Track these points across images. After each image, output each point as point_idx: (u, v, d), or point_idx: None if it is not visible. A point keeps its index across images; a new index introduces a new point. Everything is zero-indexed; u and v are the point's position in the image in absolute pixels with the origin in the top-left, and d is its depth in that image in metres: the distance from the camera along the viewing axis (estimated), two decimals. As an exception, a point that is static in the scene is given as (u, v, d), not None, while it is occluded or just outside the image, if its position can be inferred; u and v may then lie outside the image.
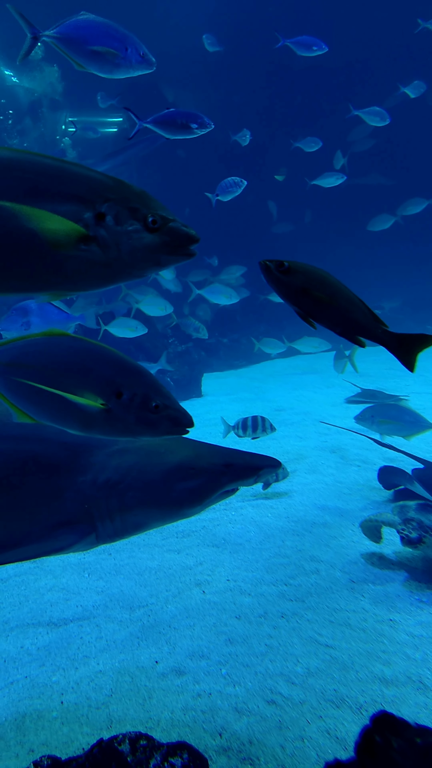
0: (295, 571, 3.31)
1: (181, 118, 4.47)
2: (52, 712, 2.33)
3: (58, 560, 3.67)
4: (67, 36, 3.41)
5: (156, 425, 1.44)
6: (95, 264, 1.21)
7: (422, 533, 3.02)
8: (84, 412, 1.41)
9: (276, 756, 2.00)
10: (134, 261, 1.22)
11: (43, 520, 1.79)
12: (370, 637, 2.65)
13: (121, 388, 1.41)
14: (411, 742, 1.08)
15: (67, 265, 1.21)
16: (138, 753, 1.79)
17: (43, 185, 1.19)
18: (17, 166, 1.19)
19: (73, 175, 1.21)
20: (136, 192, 1.24)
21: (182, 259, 1.25)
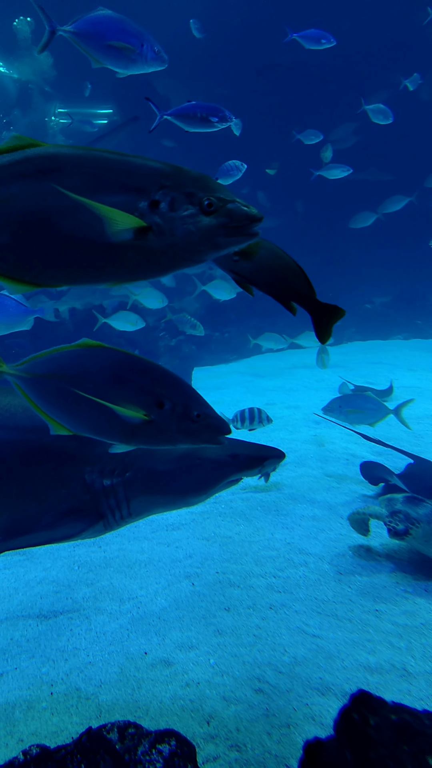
0: (284, 564, 3.35)
1: (202, 111, 4.49)
2: (42, 702, 2.35)
3: (48, 553, 3.68)
4: (84, 31, 3.43)
5: (196, 434, 1.46)
6: (152, 252, 1.21)
7: (409, 525, 3.06)
8: (127, 424, 1.43)
9: (263, 743, 2.04)
10: (191, 246, 1.21)
11: (52, 508, 1.83)
12: (356, 627, 2.69)
13: (162, 398, 1.43)
14: (386, 719, 1.12)
15: (125, 255, 1.21)
16: (126, 741, 1.81)
17: (99, 179, 1.20)
18: (75, 163, 1.20)
19: (128, 166, 1.22)
20: (194, 176, 1.23)
21: (243, 240, 1.23)
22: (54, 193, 1.19)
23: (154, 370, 1.46)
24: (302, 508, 4.15)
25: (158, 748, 1.79)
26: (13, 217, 1.21)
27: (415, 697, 2.22)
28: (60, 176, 1.20)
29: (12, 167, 1.21)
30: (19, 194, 1.20)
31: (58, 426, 1.49)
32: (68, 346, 1.47)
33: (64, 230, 1.20)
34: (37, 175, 1.20)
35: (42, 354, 1.49)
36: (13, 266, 1.24)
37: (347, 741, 1.13)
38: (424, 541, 3.06)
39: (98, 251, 1.21)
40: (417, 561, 3.28)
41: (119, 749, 1.80)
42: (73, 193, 1.18)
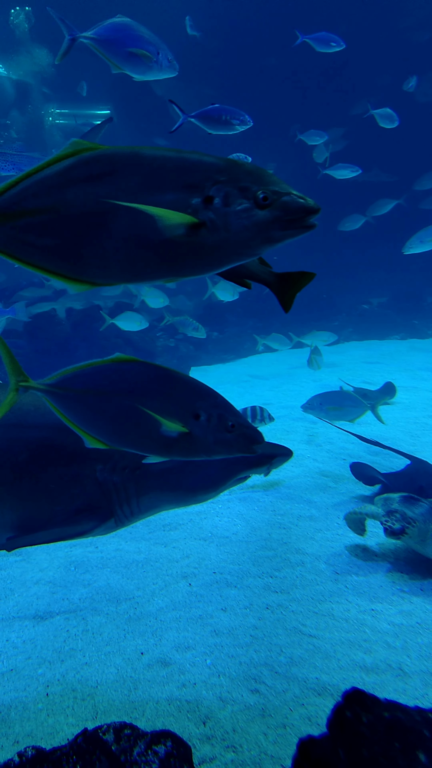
0: (280, 564, 3.35)
1: (225, 114, 4.62)
2: (38, 703, 2.34)
3: (44, 553, 3.67)
4: (105, 38, 3.56)
5: (232, 444, 1.48)
6: (206, 247, 1.22)
7: (405, 524, 3.07)
8: (164, 436, 1.44)
9: (259, 743, 2.04)
10: (245, 240, 1.21)
11: (64, 506, 1.87)
12: (352, 626, 2.69)
13: (198, 410, 1.45)
14: (379, 716, 1.12)
15: (179, 252, 1.22)
16: (122, 742, 1.81)
17: (155, 178, 1.21)
18: (130, 163, 1.22)
19: (183, 163, 1.23)
20: (248, 170, 1.23)
21: (299, 233, 1.22)
22: (111, 195, 1.21)
23: (188, 383, 1.48)
24: (299, 508, 4.15)
25: (154, 749, 1.78)
26: (71, 219, 1.23)
27: (410, 697, 2.22)
28: (116, 178, 1.21)
29: (69, 172, 1.23)
30: (76, 198, 1.22)
31: (93, 440, 1.51)
32: (101, 361, 1.49)
33: (120, 230, 1.22)
34: (93, 179, 1.22)
35: (73, 369, 1.50)
36: (71, 266, 1.26)
37: (340, 738, 1.14)
38: (420, 540, 3.06)
39: (153, 249, 1.22)
40: (413, 560, 3.29)
41: (115, 750, 1.80)
42: (129, 193, 1.19)
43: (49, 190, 1.23)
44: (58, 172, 1.23)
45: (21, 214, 1.23)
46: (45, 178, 1.23)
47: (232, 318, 12.10)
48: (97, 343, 8.78)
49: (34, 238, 1.25)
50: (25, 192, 1.24)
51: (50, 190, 1.23)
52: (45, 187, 1.23)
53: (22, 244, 1.26)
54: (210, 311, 12.26)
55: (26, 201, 1.23)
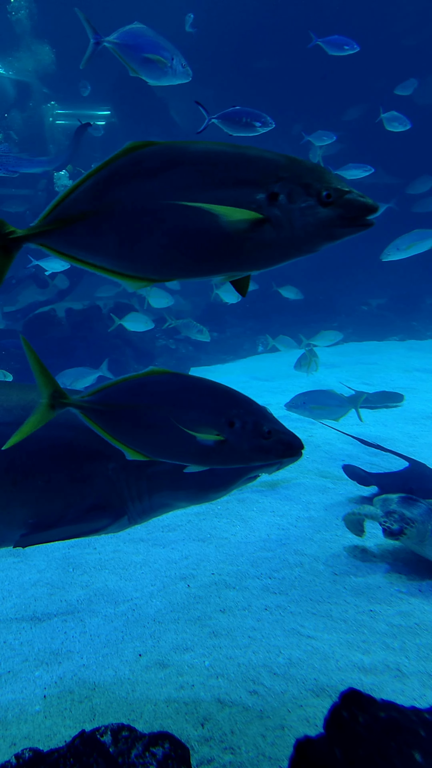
0: (279, 565, 3.34)
1: (247, 117, 4.75)
2: (35, 705, 2.34)
3: (42, 555, 3.66)
4: (125, 43, 3.72)
5: (269, 450, 1.48)
6: (269, 243, 1.23)
7: (404, 525, 3.07)
8: (201, 446, 1.46)
9: (257, 745, 2.03)
10: (308, 237, 1.22)
11: (77, 504, 1.88)
12: (350, 627, 2.69)
13: (233, 417, 1.46)
14: (375, 716, 1.12)
15: (243, 248, 1.23)
16: (120, 744, 1.80)
17: (216, 173, 1.21)
18: (189, 159, 1.22)
19: (245, 159, 1.23)
20: (309, 167, 1.24)
21: (358, 230, 1.24)
22: (168, 192, 1.20)
23: (222, 391, 1.50)
24: (298, 509, 4.15)
25: (152, 751, 1.78)
26: (129, 217, 1.23)
27: (408, 697, 2.21)
28: (174, 174, 1.21)
29: (127, 168, 1.23)
30: (133, 195, 1.22)
31: (133, 452, 1.52)
32: (135, 375, 1.51)
33: (180, 227, 1.22)
34: (150, 175, 1.22)
35: (108, 384, 1.52)
36: (129, 264, 1.27)
37: (337, 738, 1.14)
38: (419, 541, 3.06)
39: (214, 246, 1.23)
40: (411, 561, 3.28)
41: (112, 752, 1.79)
42: (189, 188, 1.20)
43: (105, 191, 1.23)
44: (113, 172, 1.23)
45: (79, 216, 1.24)
46: (101, 179, 1.24)
47: (231, 319, 12.10)
48: (96, 343, 8.78)
49: (92, 239, 1.26)
50: (82, 195, 1.25)
51: (105, 191, 1.23)
52: (101, 188, 1.24)
53: (82, 247, 1.27)
54: (209, 312, 12.26)
55: (83, 204, 1.24)
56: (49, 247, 1.28)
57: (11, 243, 1.26)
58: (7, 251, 1.26)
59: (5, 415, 1.88)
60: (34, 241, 1.27)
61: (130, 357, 8.93)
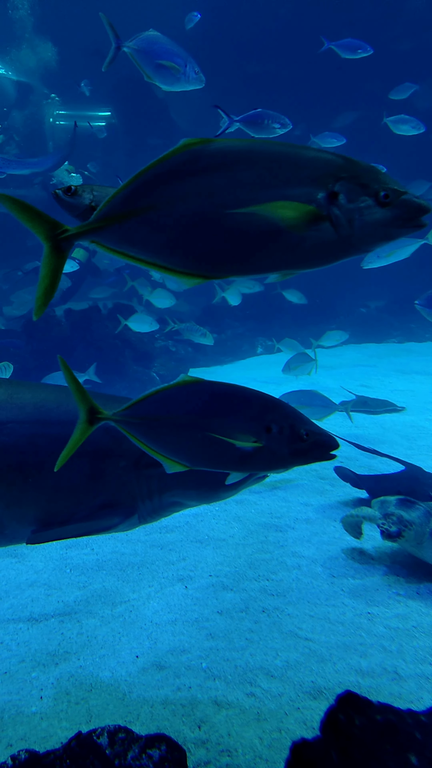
0: (277, 567, 3.34)
1: (267, 119, 4.91)
2: (31, 707, 2.33)
3: (40, 556, 3.66)
4: (142, 49, 3.85)
5: (307, 453, 1.49)
6: (328, 242, 1.24)
7: (402, 527, 3.07)
8: (240, 453, 1.47)
9: (254, 747, 2.03)
10: (365, 236, 1.24)
11: (88, 502, 1.89)
12: (348, 630, 2.69)
13: (269, 422, 1.47)
14: (372, 719, 1.12)
15: (301, 246, 1.24)
16: (116, 745, 1.80)
17: (277, 172, 1.22)
18: (245, 157, 1.22)
19: (304, 158, 1.24)
20: (366, 168, 1.25)
21: (412, 231, 1.26)
22: (227, 190, 1.21)
23: (256, 397, 1.51)
24: (296, 511, 4.14)
25: (148, 753, 1.77)
26: (184, 215, 1.23)
27: (405, 700, 2.21)
28: (233, 172, 1.21)
29: (184, 165, 1.23)
30: (191, 192, 1.22)
31: (172, 464, 1.53)
32: (168, 386, 1.52)
33: (239, 225, 1.22)
34: (206, 173, 1.22)
35: (142, 397, 1.52)
36: (184, 261, 1.27)
37: (333, 741, 1.14)
38: (417, 543, 3.06)
39: (273, 244, 1.23)
40: (409, 564, 3.28)
41: (109, 754, 1.79)
42: (248, 186, 1.20)
43: (160, 187, 1.23)
44: (169, 169, 1.23)
45: (134, 212, 1.24)
46: (156, 175, 1.24)
47: (230, 320, 12.10)
48: (95, 344, 8.77)
49: (147, 235, 1.25)
50: (137, 191, 1.24)
51: (161, 187, 1.23)
52: (156, 184, 1.24)
53: (137, 243, 1.27)
54: (208, 314, 12.26)
55: (138, 200, 1.24)
56: (101, 244, 1.28)
57: (63, 242, 1.25)
58: (59, 250, 1.26)
59: (18, 413, 1.90)
60: (86, 238, 1.26)
61: (129, 358, 8.92)
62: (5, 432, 1.87)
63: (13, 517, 1.88)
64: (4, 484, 1.85)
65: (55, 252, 1.26)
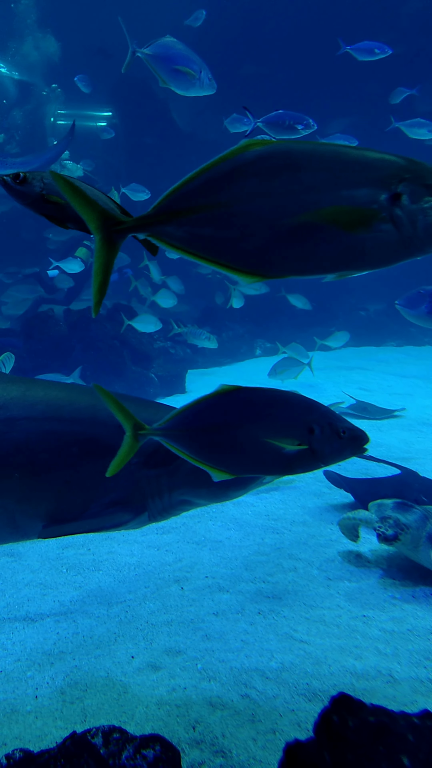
0: (273, 569, 3.35)
1: (290, 119, 4.96)
2: (26, 706, 2.33)
3: (36, 555, 3.66)
4: (158, 54, 3.96)
5: (345, 449, 1.53)
6: (390, 243, 1.24)
7: (398, 531, 3.07)
8: (285, 456, 1.50)
9: (248, 748, 2.03)
10: (428, 237, 1.24)
11: (99, 499, 1.91)
12: (343, 632, 2.69)
13: (311, 424, 1.50)
14: (365, 721, 1.13)
15: (363, 247, 1.24)
16: (111, 745, 1.80)
17: (340, 173, 1.22)
18: (309, 158, 1.22)
19: (367, 159, 1.24)
20: (429, 168, 1.25)
21: None
22: (290, 191, 1.21)
23: (295, 400, 1.54)
24: (293, 513, 4.15)
25: (143, 753, 1.78)
26: (248, 214, 1.24)
27: (399, 703, 2.22)
28: (296, 173, 1.22)
29: (246, 166, 1.23)
30: (252, 192, 1.22)
31: (218, 472, 1.54)
32: (208, 396, 1.53)
33: (301, 225, 1.22)
34: (272, 173, 1.22)
35: (183, 409, 1.55)
36: (245, 260, 1.27)
37: (326, 742, 1.14)
38: (413, 546, 3.07)
39: (335, 245, 1.24)
40: (405, 567, 3.29)
41: (103, 754, 1.79)
42: (311, 187, 1.21)
43: (223, 185, 1.23)
44: (231, 168, 1.23)
45: (196, 209, 1.24)
46: (220, 174, 1.24)
47: (228, 322, 12.11)
48: (94, 344, 8.77)
49: (209, 233, 1.25)
50: (199, 188, 1.24)
51: (224, 185, 1.23)
52: (219, 182, 1.23)
53: (197, 240, 1.26)
54: (207, 315, 12.27)
55: (201, 197, 1.24)
56: (158, 238, 1.27)
57: (117, 234, 1.24)
58: (111, 243, 1.24)
59: (31, 410, 1.92)
60: (143, 231, 1.25)
61: (127, 358, 8.92)
62: (18, 429, 1.89)
63: (26, 513, 1.90)
64: (17, 480, 1.87)
65: (106, 245, 1.24)
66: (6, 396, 1.95)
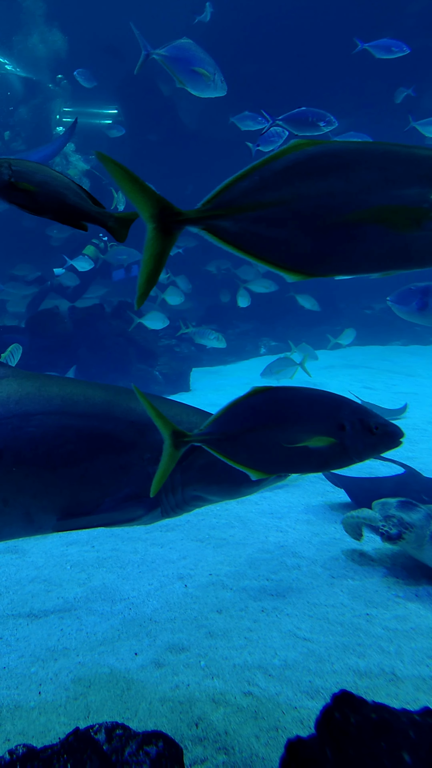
0: (277, 567, 3.35)
1: (312, 117, 5.04)
2: (30, 702, 2.34)
3: (40, 552, 3.67)
4: (174, 56, 4.08)
5: (378, 444, 1.55)
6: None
7: (402, 530, 3.07)
8: (320, 453, 1.52)
9: (251, 745, 2.03)
10: None
11: (113, 493, 1.93)
12: (347, 630, 2.69)
13: (342, 420, 1.52)
14: (367, 717, 1.13)
15: (412, 246, 1.25)
16: (114, 741, 1.81)
17: (391, 172, 1.23)
18: (361, 158, 1.23)
19: (417, 157, 1.24)
20: None
21: None
22: (343, 190, 1.22)
23: (326, 397, 1.56)
24: (297, 512, 4.15)
25: (145, 750, 1.78)
26: (298, 212, 1.24)
27: (402, 701, 2.21)
28: (348, 172, 1.22)
29: (299, 165, 1.23)
30: (306, 191, 1.23)
31: (256, 473, 1.56)
32: (241, 398, 1.55)
33: (353, 224, 1.23)
34: (326, 172, 1.23)
35: (218, 414, 1.57)
36: (294, 258, 1.28)
37: (328, 738, 1.15)
38: (417, 545, 3.06)
39: (381, 244, 1.24)
40: (409, 566, 3.28)
41: (106, 750, 1.80)
42: (363, 187, 1.21)
43: (278, 183, 1.24)
44: (286, 166, 1.24)
45: (252, 206, 1.25)
46: (273, 172, 1.24)
47: (233, 320, 12.10)
48: (99, 342, 8.79)
49: (261, 230, 1.26)
50: (253, 186, 1.25)
51: (278, 183, 1.24)
52: (273, 180, 1.24)
53: (250, 237, 1.27)
54: (211, 313, 12.27)
55: (256, 194, 1.24)
56: (211, 233, 1.27)
57: (175, 225, 1.24)
58: (167, 233, 1.24)
59: (46, 405, 1.94)
60: (198, 224, 1.26)
61: (132, 356, 8.93)
62: (34, 423, 1.90)
63: (41, 507, 1.92)
64: (33, 474, 1.89)
65: (161, 234, 1.23)
66: (22, 391, 1.97)
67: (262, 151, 6.23)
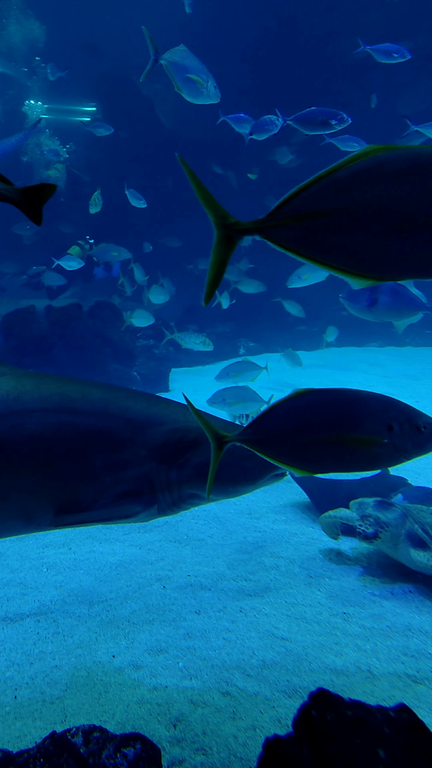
0: (255, 567, 3.36)
1: (322, 116, 5.07)
2: (5, 707, 2.30)
3: (16, 554, 3.61)
4: (175, 62, 4.22)
5: (426, 443, 1.55)
6: None
7: (378, 529, 3.12)
8: (368, 453, 1.52)
9: (228, 746, 2.04)
10: None
11: (110, 490, 1.93)
12: (324, 629, 2.72)
13: (390, 421, 1.53)
14: (343, 715, 1.15)
15: None
16: (91, 745, 1.80)
17: None
18: (425, 161, 1.22)
19: None
20: None
21: None
22: (415, 197, 1.21)
23: (373, 398, 1.56)
24: (275, 512, 4.18)
25: (123, 752, 1.77)
26: (369, 219, 1.24)
27: (377, 698, 2.25)
28: (420, 178, 1.21)
29: (371, 171, 1.23)
30: (376, 198, 1.22)
31: (300, 471, 1.56)
32: (284, 400, 1.56)
33: (420, 231, 1.22)
34: (397, 179, 1.22)
35: (262, 414, 1.57)
36: (360, 263, 1.28)
37: (305, 736, 1.16)
38: (393, 544, 3.12)
39: None
40: (385, 564, 3.34)
41: (83, 753, 1.78)
42: (422, 195, 1.20)
43: (344, 191, 1.24)
44: (354, 174, 1.24)
45: (316, 214, 1.24)
46: (340, 179, 1.24)
47: (211, 320, 12.11)
48: (75, 342, 8.68)
49: (326, 237, 1.26)
50: (319, 193, 1.25)
51: (345, 191, 1.23)
52: (339, 188, 1.24)
53: (313, 243, 1.27)
54: (189, 314, 12.25)
55: (321, 202, 1.24)
56: (275, 241, 1.28)
57: (236, 234, 1.26)
58: (229, 241, 1.26)
59: (44, 403, 1.94)
60: (262, 234, 1.27)
61: (108, 356, 8.85)
62: (32, 420, 1.90)
63: (39, 503, 1.91)
64: (31, 471, 1.88)
65: (224, 241, 1.27)
66: (20, 388, 1.96)
67: (256, 139, 6.23)
